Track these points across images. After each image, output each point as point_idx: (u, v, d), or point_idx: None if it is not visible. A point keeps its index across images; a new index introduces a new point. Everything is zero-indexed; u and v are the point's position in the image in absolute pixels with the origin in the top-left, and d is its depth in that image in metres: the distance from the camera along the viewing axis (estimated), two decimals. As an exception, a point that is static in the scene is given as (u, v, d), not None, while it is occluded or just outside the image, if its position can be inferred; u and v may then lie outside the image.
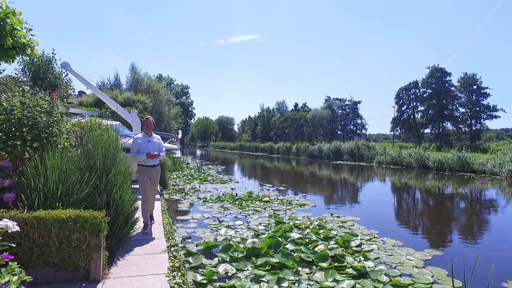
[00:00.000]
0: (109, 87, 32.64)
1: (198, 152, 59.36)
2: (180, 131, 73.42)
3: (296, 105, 75.90)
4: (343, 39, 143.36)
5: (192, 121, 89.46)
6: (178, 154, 33.87)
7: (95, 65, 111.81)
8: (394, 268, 4.72)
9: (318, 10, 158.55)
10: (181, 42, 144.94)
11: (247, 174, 20.67)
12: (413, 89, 50.05)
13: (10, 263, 1.71)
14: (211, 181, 14.28)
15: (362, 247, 5.62)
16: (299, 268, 4.55)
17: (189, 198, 9.95)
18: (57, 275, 3.26)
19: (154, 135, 5.59)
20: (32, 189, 3.50)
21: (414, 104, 50.51)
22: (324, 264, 4.71)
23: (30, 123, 3.87)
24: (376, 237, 6.29)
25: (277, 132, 64.85)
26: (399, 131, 54.40)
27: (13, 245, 1.92)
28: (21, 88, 4.15)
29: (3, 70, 10.59)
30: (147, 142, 5.34)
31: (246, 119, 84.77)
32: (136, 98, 22.37)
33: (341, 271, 4.49)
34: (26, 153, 4.06)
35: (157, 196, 5.53)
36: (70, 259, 3.25)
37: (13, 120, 3.82)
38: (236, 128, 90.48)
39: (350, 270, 4.51)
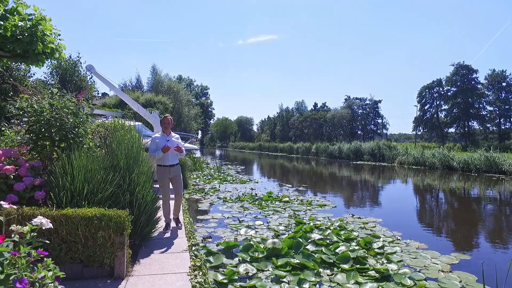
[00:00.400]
0: (130, 88, 33.50)
1: (218, 152, 59.88)
2: (199, 132, 74.27)
3: (315, 105, 75.35)
4: (363, 37, 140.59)
5: (212, 121, 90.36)
6: (197, 154, 34.29)
7: (117, 67, 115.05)
8: (419, 271, 4.58)
9: (337, 8, 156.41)
10: (200, 43, 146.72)
11: (266, 174, 20.66)
12: (437, 87, 48.62)
13: (45, 259, 1.77)
14: (231, 181, 14.36)
15: (384, 249, 5.49)
16: (320, 270, 4.50)
17: (209, 197, 10.04)
18: (84, 271, 3.36)
19: (173, 134, 5.51)
20: (60, 187, 3.62)
21: (438, 102, 49.06)
22: (346, 266, 4.63)
23: (58, 124, 4.01)
24: (399, 239, 6.13)
25: (296, 132, 64.58)
26: (421, 130, 53.02)
27: (47, 241, 1.99)
28: (50, 91, 4.30)
29: (34, 74, 11.05)
30: (166, 141, 5.28)
31: (265, 119, 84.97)
32: (157, 99, 22.83)
33: (363, 273, 4.40)
34: (54, 153, 4.21)
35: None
36: (95, 256, 3.34)
37: (42, 121, 3.98)
38: (255, 128, 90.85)
39: (372, 273, 4.41)
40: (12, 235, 1.78)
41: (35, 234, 1.83)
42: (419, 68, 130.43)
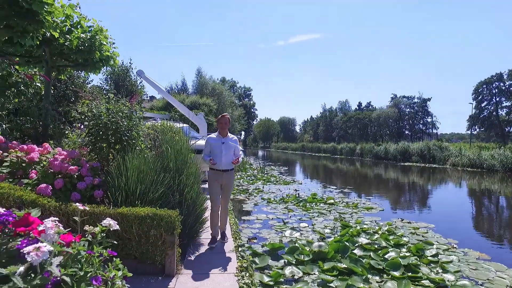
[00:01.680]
0: (176, 91, 34.89)
1: (260, 153, 60.23)
2: (242, 133, 75.39)
3: (359, 104, 73.08)
4: (410, 31, 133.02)
5: (254, 122, 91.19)
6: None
7: (163, 71, 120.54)
8: (481, 285, 4.20)
9: (382, 2, 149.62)
10: (241, 45, 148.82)
11: (309, 175, 20.36)
12: (496, 83, 44.56)
13: (114, 258, 1.88)
14: (274, 182, 14.33)
15: (439, 257, 5.11)
16: (369, 276, 4.30)
17: (253, 198, 10.10)
18: (138, 267, 3.52)
19: (230, 135, 4.86)
20: (116, 187, 3.84)
21: (498, 99, 44.93)
22: (396, 273, 4.38)
23: (114, 127, 4.26)
24: (456, 248, 5.68)
25: (340, 132, 62.99)
26: (477, 130, 48.98)
27: (115, 242, 2.12)
28: (106, 96, 4.60)
29: (91, 81, 11.93)
30: (220, 143, 4.66)
31: (307, 119, 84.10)
32: (202, 101, 23.52)
33: (416, 283, 4.13)
34: (110, 154, 4.48)
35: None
36: (148, 253, 3.49)
37: (100, 125, 4.25)
38: (297, 129, 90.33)
39: (426, 282, 4.13)
40: (86, 235, 1.91)
41: (104, 234, 1.94)
42: (474, 63, 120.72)
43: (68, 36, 4.87)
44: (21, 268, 1.32)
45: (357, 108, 72.41)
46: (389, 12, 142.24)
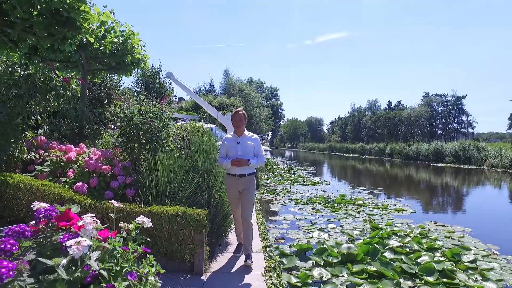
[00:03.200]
0: (204, 92, 35.48)
1: (287, 153, 59.98)
2: (269, 133, 75.49)
3: (389, 103, 70.98)
4: (443, 25, 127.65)
5: (281, 122, 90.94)
6: (268, 155, 34.76)
7: (191, 73, 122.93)
8: (526, 294, 3.95)
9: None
10: (268, 45, 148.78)
11: (337, 176, 20.01)
12: (541, 78, 41.69)
13: (147, 255, 1.95)
14: (302, 183, 14.22)
15: (477, 263, 4.85)
16: (400, 280, 4.16)
17: (280, 198, 10.07)
18: (167, 265, 3.61)
19: (248, 134, 4.17)
20: (147, 186, 3.96)
21: (543, 95, 42.03)
22: (430, 279, 4.21)
23: (145, 128, 4.39)
24: (497, 254, 5.36)
25: (369, 132, 61.52)
26: (519, 128, 46.02)
27: (148, 239, 2.20)
28: (138, 98, 4.75)
29: (123, 83, 12.39)
30: (235, 144, 4.03)
31: (335, 119, 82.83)
32: (229, 101, 23.76)
33: (453, 289, 3.96)
34: (141, 154, 4.62)
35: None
36: (177, 251, 3.56)
37: (132, 126, 4.40)
38: (325, 129, 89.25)
39: (464, 290, 3.94)
40: (121, 232, 1.99)
41: (138, 231, 2.02)
42: (510, 58, 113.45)
43: (102, 41, 5.09)
44: (64, 261, 1.40)
45: (387, 107, 70.47)
46: (419, 8, 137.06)
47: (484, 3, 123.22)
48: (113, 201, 2.46)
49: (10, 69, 4.05)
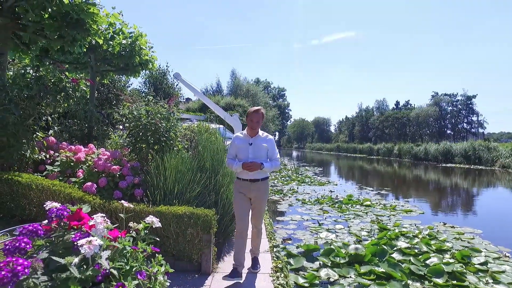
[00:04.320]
0: (211, 93, 35.64)
1: (294, 153, 59.83)
2: (276, 133, 75.47)
3: (397, 103, 70.53)
4: (452, 24, 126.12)
5: (289, 123, 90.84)
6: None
7: (198, 73, 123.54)
8: (539, 298, 3.88)
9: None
10: (275, 45, 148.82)
11: (345, 176, 19.91)
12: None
13: (156, 255, 1.97)
14: (309, 183, 14.18)
15: (488, 266, 4.79)
16: (409, 282, 4.12)
17: (287, 199, 10.06)
18: (175, 264, 3.64)
19: (262, 134, 3.72)
20: (155, 186, 4.00)
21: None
22: (439, 281, 4.16)
23: (153, 128, 4.44)
24: (508, 256, 5.27)
25: (377, 132, 61.10)
26: (532, 128, 45.28)
27: (157, 239, 2.22)
28: (146, 98, 4.80)
29: (131, 84, 12.51)
30: (247, 145, 3.59)
31: (343, 119, 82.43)
32: (236, 102, 23.84)
33: (463, 292, 3.91)
34: (149, 154, 4.67)
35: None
36: (185, 251, 3.59)
37: (140, 126, 4.44)
38: (332, 129, 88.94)
39: (474, 292, 3.89)
40: (130, 231, 2.02)
41: (147, 231, 2.04)
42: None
43: (111, 42, 5.16)
44: (76, 259, 1.43)
45: (395, 107, 70.01)
46: (427, 6, 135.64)
47: (494, 1, 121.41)
48: (122, 201, 2.50)
49: (22, 71, 4.14)
